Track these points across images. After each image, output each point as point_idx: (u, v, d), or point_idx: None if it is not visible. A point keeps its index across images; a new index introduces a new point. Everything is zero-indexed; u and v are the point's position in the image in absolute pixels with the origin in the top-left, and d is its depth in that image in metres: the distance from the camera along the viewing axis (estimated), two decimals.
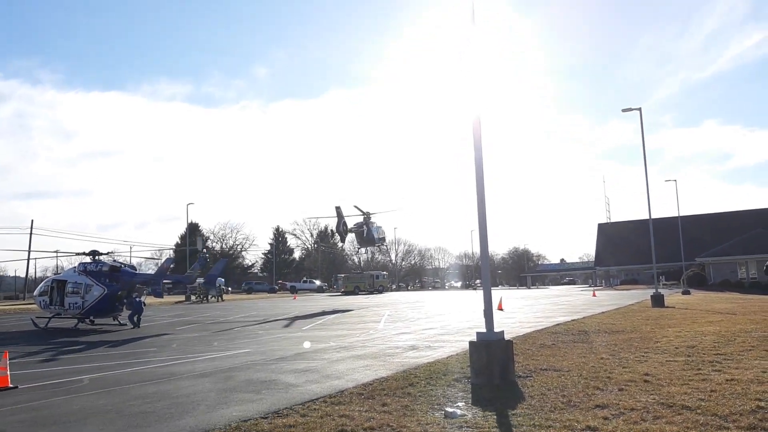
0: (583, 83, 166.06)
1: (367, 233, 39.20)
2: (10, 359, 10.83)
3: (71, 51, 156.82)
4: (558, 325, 19.24)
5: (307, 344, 15.98)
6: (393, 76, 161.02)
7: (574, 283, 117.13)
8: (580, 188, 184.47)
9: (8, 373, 10.31)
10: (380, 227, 40.79)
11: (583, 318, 21.80)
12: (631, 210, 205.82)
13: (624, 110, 32.56)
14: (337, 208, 35.45)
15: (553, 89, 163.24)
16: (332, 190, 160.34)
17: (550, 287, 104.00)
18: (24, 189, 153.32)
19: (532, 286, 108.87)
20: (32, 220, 76.10)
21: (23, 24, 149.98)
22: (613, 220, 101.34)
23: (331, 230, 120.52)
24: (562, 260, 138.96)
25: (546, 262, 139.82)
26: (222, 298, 57.49)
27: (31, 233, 74.81)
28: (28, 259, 74.45)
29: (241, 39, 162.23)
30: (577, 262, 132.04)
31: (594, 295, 45.18)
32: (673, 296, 38.14)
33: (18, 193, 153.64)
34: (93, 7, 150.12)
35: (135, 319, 24.01)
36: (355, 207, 38.97)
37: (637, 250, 76.41)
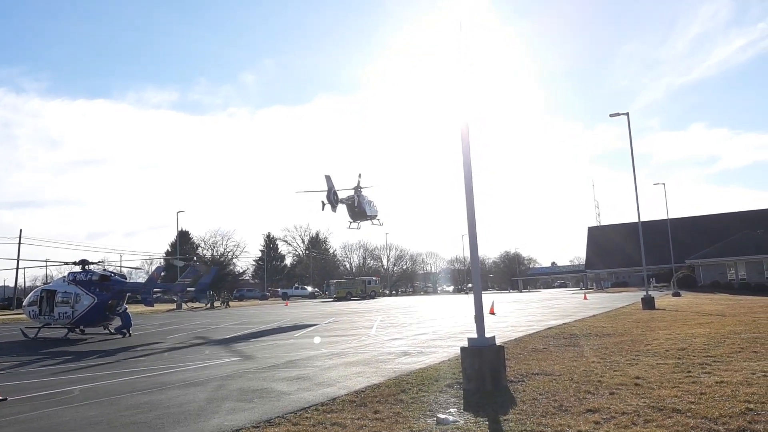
0: (570, 89, 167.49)
1: (358, 204, 38.41)
2: None
3: (55, 59, 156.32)
4: (550, 328, 19.29)
5: (299, 351, 15.95)
6: (381, 82, 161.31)
7: (565, 287, 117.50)
8: (570, 192, 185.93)
9: None
10: (372, 202, 39.87)
11: (575, 321, 21.88)
12: (620, 213, 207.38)
13: (612, 115, 32.76)
14: (327, 177, 34.76)
15: (541, 95, 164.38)
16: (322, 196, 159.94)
17: (542, 290, 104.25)
18: (10, 198, 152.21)
19: (524, 289, 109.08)
20: (21, 230, 75.47)
21: (4, 31, 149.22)
22: (603, 224, 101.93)
23: (324, 236, 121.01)
24: (553, 264, 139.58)
25: (537, 265, 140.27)
26: (229, 305, 60.19)
27: (19, 243, 74.18)
28: (17, 269, 73.88)
29: (227, 46, 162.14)
30: (567, 266, 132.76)
31: (585, 298, 45.32)
32: (663, 298, 38.35)
33: (4, 202, 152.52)
34: (77, 15, 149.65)
35: (123, 331, 23.89)
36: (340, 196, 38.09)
37: (626, 253, 76.80)
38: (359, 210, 38.65)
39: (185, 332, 25.11)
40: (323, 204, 35.74)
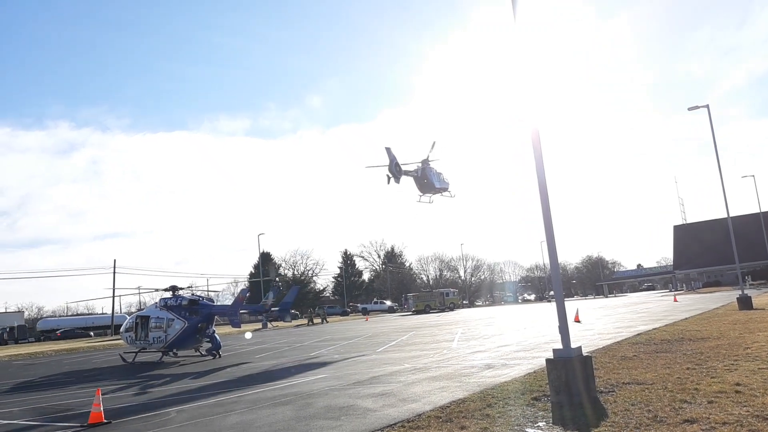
0: (646, 82, 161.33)
1: (425, 176, 37.18)
2: (102, 394, 11.38)
3: (134, 96, 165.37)
4: (639, 334, 18.59)
5: (382, 367, 16.04)
6: (446, 90, 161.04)
7: (654, 289, 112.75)
8: (652, 191, 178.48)
9: (102, 409, 10.83)
10: (441, 173, 38.65)
11: (666, 326, 20.98)
12: (707, 209, 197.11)
13: (690, 109, 31.36)
14: (387, 149, 34.09)
15: (616, 90, 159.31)
16: (396, 211, 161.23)
17: (629, 294, 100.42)
18: (102, 230, 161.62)
19: (609, 294, 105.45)
20: (114, 260, 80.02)
21: (89, 72, 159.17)
22: (689, 221, 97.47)
23: (399, 250, 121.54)
24: (639, 266, 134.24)
25: (622, 269, 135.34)
26: (326, 320, 62.10)
27: (114, 272, 78.53)
28: (113, 297, 78.13)
29: (292, 70, 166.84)
30: (654, 267, 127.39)
31: (675, 301, 43.36)
32: (761, 297, 36.16)
33: (98, 234, 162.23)
34: (149, 51, 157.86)
35: (214, 352, 24.76)
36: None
37: (717, 251, 72.94)
38: (428, 182, 37.32)
39: (271, 351, 25.76)
40: (388, 178, 34.58)
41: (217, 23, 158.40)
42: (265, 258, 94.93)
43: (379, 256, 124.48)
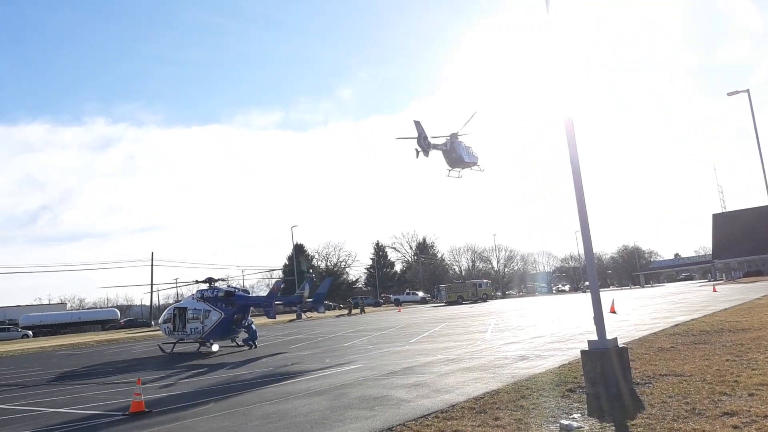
0: (685, 69, 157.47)
1: (453, 150, 36.93)
2: (142, 384, 11.68)
3: (167, 90, 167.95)
4: (677, 325, 18.27)
5: (415, 357, 16.10)
6: (476, 79, 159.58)
7: (692, 279, 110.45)
8: (690, 179, 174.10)
9: (143, 398, 11.13)
10: (470, 147, 38.42)
11: (704, 316, 20.56)
12: (748, 197, 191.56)
13: (729, 94, 30.49)
14: (416, 123, 33.94)
15: (654, 79, 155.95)
16: (427, 202, 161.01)
17: (666, 284, 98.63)
18: (138, 224, 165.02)
19: (646, 284, 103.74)
20: (152, 253, 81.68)
21: (123, 68, 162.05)
22: (728, 210, 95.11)
23: (431, 241, 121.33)
24: (676, 255, 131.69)
25: (659, 258, 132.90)
26: (364, 311, 63.82)
27: (152, 265, 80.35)
28: (152, 289, 79.79)
29: (322, 63, 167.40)
30: (692, 257, 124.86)
31: (714, 291, 42.44)
32: None
33: (134, 227, 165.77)
34: (182, 45, 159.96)
35: (250, 342, 25.14)
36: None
37: (758, 239, 71.12)
38: (456, 156, 37.13)
39: (306, 341, 26.06)
40: (417, 152, 34.51)
41: (249, 17, 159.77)
42: (299, 250, 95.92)
43: (411, 248, 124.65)
